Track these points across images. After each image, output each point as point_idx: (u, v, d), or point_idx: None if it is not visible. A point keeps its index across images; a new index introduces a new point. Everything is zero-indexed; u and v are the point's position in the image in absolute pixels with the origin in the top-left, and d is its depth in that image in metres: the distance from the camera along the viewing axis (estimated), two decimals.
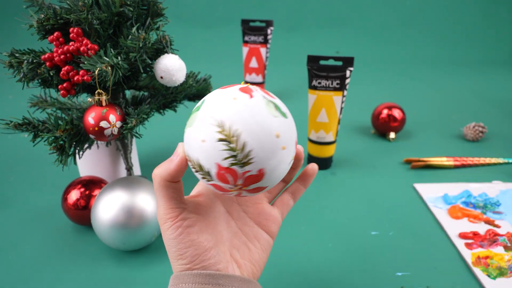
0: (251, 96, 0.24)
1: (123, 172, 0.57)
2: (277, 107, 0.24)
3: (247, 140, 0.23)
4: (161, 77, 0.46)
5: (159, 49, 0.47)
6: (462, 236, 0.50)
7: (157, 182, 0.27)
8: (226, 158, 0.23)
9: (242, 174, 0.23)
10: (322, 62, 0.65)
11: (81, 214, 0.48)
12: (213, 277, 0.26)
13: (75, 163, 0.50)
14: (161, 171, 0.26)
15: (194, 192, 0.31)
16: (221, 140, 0.23)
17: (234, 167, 0.23)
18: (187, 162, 0.26)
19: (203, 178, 0.25)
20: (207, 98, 0.25)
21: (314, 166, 0.34)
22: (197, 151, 0.24)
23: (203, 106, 0.24)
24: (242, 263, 0.30)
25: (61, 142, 0.45)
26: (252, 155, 0.23)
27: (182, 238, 0.27)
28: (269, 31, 0.99)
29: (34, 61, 0.42)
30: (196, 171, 0.25)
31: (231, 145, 0.23)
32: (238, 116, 0.23)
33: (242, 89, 0.24)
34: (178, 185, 0.27)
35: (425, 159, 0.69)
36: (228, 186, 0.24)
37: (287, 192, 0.35)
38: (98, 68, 0.40)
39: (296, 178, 0.35)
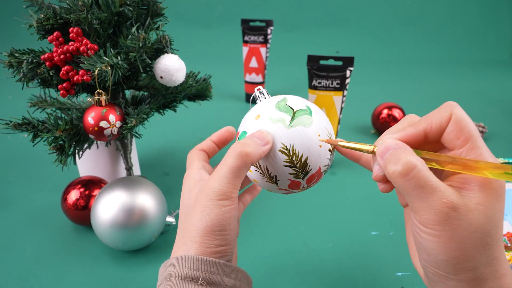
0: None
1: (123, 172, 0.57)
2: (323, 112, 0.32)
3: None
4: (161, 77, 0.46)
5: (159, 49, 0.47)
6: None
7: (243, 160, 0.26)
8: (326, 165, 0.29)
9: (321, 177, 0.29)
10: (322, 62, 0.64)
11: (81, 214, 0.48)
12: (205, 263, 0.25)
13: (74, 163, 0.50)
14: (251, 151, 0.26)
15: None
16: (330, 150, 0.29)
17: (323, 172, 0.29)
18: None
19: (292, 174, 0.28)
20: (310, 105, 0.30)
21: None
22: (309, 151, 0.27)
23: (315, 116, 0.29)
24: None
25: (61, 142, 0.45)
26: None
27: (234, 220, 0.26)
28: (269, 31, 0.99)
29: (34, 61, 0.42)
30: (289, 166, 0.27)
31: (332, 156, 0.29)
32: (332, 135, 0.30)
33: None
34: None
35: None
36: (305, 186, 0.29)
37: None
38: (98, 68, 0.40)
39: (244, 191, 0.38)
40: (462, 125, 0.22)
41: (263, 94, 0.31)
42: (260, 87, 0.31)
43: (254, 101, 0.31)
